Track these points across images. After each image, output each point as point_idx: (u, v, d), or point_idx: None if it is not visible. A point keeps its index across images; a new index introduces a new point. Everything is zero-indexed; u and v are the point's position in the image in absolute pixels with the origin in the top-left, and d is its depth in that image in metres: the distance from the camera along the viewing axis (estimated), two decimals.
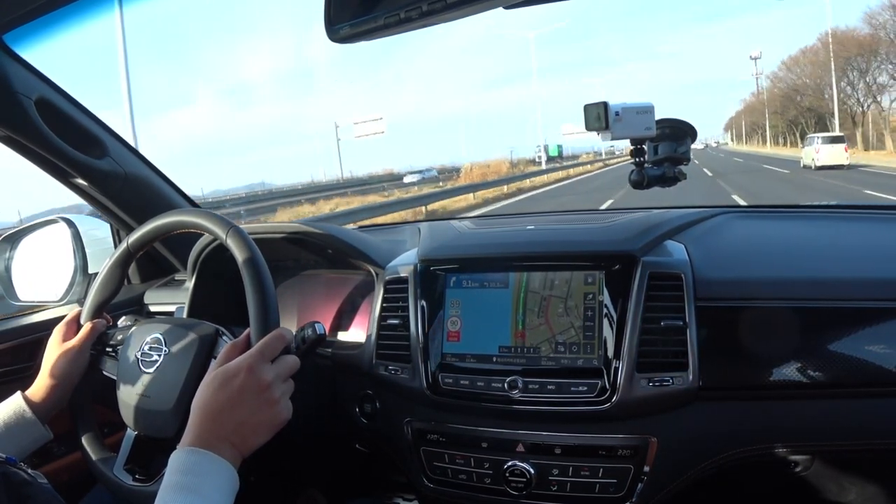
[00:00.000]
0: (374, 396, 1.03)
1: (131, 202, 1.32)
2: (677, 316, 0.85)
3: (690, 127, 1.03)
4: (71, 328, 0.94)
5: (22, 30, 0.99)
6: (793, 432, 0.86)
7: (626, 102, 0.94)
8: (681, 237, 0.99)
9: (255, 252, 0.83)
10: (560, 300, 0.91)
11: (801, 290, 0.88)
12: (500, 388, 0.89)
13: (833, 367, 0.83)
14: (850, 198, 10.79)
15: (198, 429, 0.68)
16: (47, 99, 1.12)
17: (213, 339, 0.86)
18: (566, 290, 0.91)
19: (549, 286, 0.92)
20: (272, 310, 0.80)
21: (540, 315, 0.92)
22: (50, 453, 1.16)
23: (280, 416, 0.72)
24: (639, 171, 1.02)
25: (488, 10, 0.58)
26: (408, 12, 0.56)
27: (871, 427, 0.85)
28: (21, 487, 0.67)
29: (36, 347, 1.20)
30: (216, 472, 0.65)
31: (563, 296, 0.91)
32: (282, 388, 0.73)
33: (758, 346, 0.85)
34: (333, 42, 0.63)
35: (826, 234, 1.11)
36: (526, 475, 0.89)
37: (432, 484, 0.97)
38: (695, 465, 0.87)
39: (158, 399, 0.84)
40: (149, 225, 0.93)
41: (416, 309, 0.97)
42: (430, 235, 1.10)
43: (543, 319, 0.91)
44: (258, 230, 1.14)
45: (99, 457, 0.90)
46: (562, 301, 0.91)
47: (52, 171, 1.21)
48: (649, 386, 0.84)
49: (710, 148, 66.68)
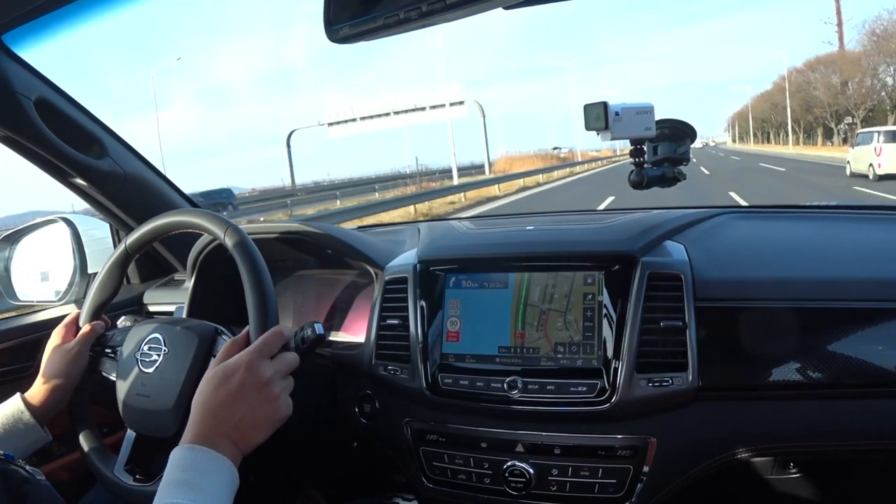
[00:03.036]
0: (373, 396, 1.03)
1: (130, 202, 1.32)
2: (677, 316, 0.85)
3: (690, 127, 1.03)
4: (70, 330, 0.94)
5: (22, 30, 0.99)
6: (792, 433, 0.86)
7: (626, 103, 0.94)
8: (680, 237, 0.99)
9: (254, 251, 0.83)
10: (560, 301, 0.91)
11: (800, 290, 0.88)
12: (499, 388, 0.89)
13: (833, 368, 0.83)
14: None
15: (198, 426, 0.68)
16: (47, 99, 1.12)
17: (212, 338, 0.86)
18: (566, 291, 0.91)
19: (549, 286, 0.92)
20: (271, 307, 0.80)
21: (539, 315, 0.92)
22: (49, 453, 1.16)
23: (280, 413, 0.72)
24: (638, 171, 1.02)
25: (488, 11, 0.58)
26: (407, 13, 0.56)
27: (871, 427, 0.84)
28: (20, 485, 0.68)
29: (35, 347, 1.20)
30: (216, 468, 0.65)
31: (563, 296, 0.91)
32: (281, 384, 0.73)
33: (757, 346, 0.85)
34: (333, 42, 0.63)
35: (826, 234, 1.11)
36: (525, 475, 0.89)
37: (432, 484, 0.97)
38: (694, 466, 0.87)
39: (158, 399, 0.84)
40: (147, 225, 0.93)
41: (415, 309, 0.97)
42: (430, 235, 1.10)
43: (543, 320, 0.91)
44: (257, 230, 1.14)
45: (99, 457, 0.90)
46: (561, 302, 0.91)
47: (51, 171, 1.21)
48: (649, 386, 0.84)
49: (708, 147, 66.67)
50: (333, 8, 0.62)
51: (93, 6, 0.98)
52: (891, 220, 1.12)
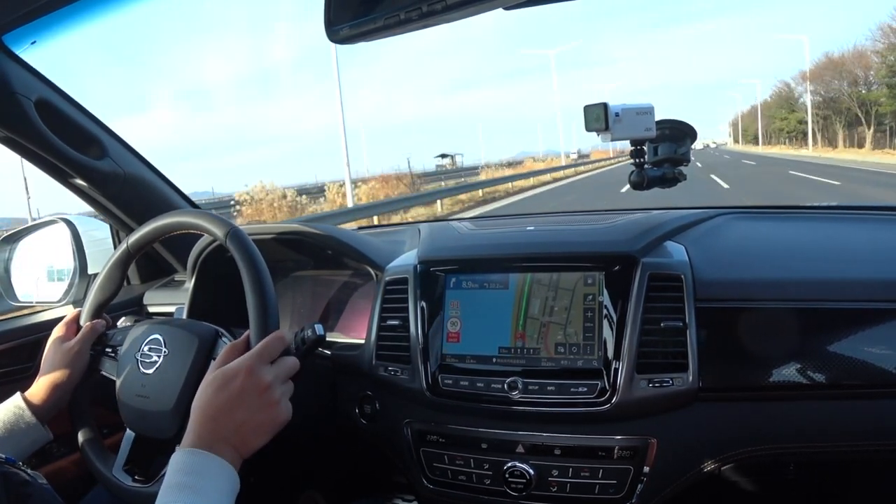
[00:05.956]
0: (373, 397, 1.03)
1: (131, 203, 1.32)
2: (677, 317, 0.85)
3: (690, 128, 1.03)
4: (70, 329, 0.94)
5: (22, 30, 1.00)
6: (792, 433, 0.86)
7: (626, 103, 0.94)
8: (681, 238, 0.99)
9: (255, 253, 0.83)
10: (560, 301, 0.91)
11: (801, 290, 0.87)
12: (499, 388, 0.89)
13: (833, 368, 0.83)
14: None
15: (198, 430, 0.68)
16: (47, 99, 1.12)
17: (212, 339, 0.86)
18: (566, 291, 0.91)
19: (549, 287, 0.92)
20: (272, 311, 0.79)
21: (540, 316, 0.92)
22: (49, 454, 1.16)
23: (280, 418, 0.72)
24: (639, 172, 1.02)
25: (488, 11, 0.58)
26: (408, 13, 0.56)
27: (871, 428, 0.84)
28: (20, 487, 0.67)
29: (35, 348, 1.20)
30: (217, 472, 0.65)
31: (563, 297, 0.91)
32: (281, 389, 0.73)
33: (758, 346, 0.85)
34: (333, 42, 0.63)
35: (826, 234, 1.11)
36: (526, 476, 0.89)
37: (432, 485, 0.97)
38: (694, 466, 0.86)
39: (158, 400, 0.83)
40: (148, 226, 0.93)
41: (415, 310, 0.97)
42: (430, 236, 1.10)
43: (543, 321, 0.91)
44: (257, 231, 1.14)
45: (98, 458, 0.90)
46: (562, 302, 0.91)
47: (51, 172, 1.21)
48: (649, 387, 0.84)
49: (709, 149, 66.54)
50: (334, 8, 0.62)
51: (93, 6, 0.98)
52: (891, 220, 1.12)
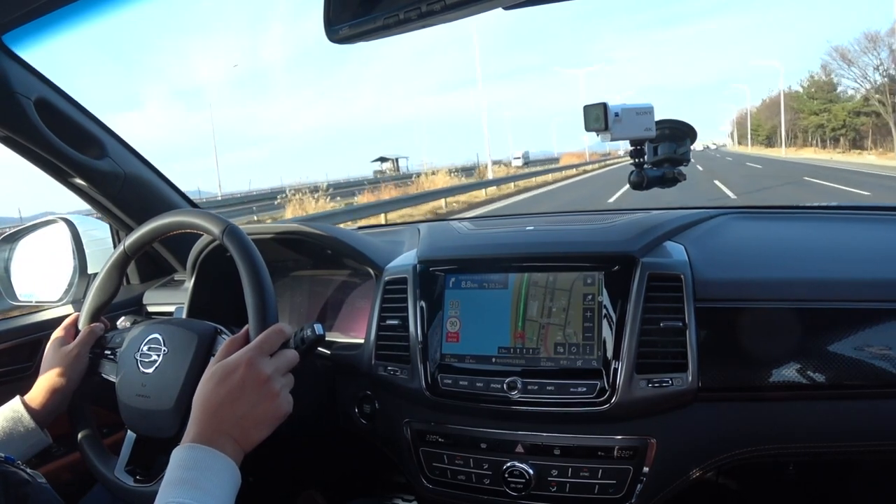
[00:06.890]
0: (373, 397, 1.03)
1: (130, 203, 1.32)
2: (677, 317, 0.85)
3: (690, 128, 1.03)
4: (69, 333, 0.94)
5: (22, 30, 1.00)
6: (792, 433, 0.86)
7: (626, 103, 0.94)
8: (680, 238, 0.99)
9: (253, 251, 0.83)
10: (559, 301, 0.91)
11: (800, 290, 0.87)
12: (499, 388, 0.89)
13: (833, 369, 0.83)
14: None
15: (199, 424, 0.68)
16: (47, 99, 1.12)
17: (211, 337, 0.86)
18: (565, 291, 0.91)
19: (549, 287, 0.92)
20: (270, 306, 0.80)
21: (539, 316, 0.92)
22: (49, 454, 1.16)
23: (281, 410, 0.72)
24: (638, 172, 1.02)
25: (488, 11, 0.58)
26: (407, 13, 0.56)
27: (871, 428, 0.84)
28: (20, 487, 0.67)
29: (35, 348, 1.20)
30: (218, 467, 0.65)
31: (563, 297, 0.91)
32: (281, 381, 0.73)
33: (757, 347, 0.85)
34: (333, 42, 0.63)
35: (826, 234, 1.11)
36: (525, 476, 0.89)
37: (431, 485, 0.97)
38: (694, 466, 0.87)
39: (158, 399, 0.83)
40: (146, 226, 0.93)
41: (415, 309, 0.97)
42: (430, 236, 1.10)
43: (542, 321, 0.91)
44: (256, 230, 1.14)
45: (99, 459, 0.90)
46: (561, 302, 0.91)
47: (51, 172, 1.21)
48: (648, 387, 0.84)
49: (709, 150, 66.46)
50: (333, 8, 0.62)
51: (93, 6, 0.98)
52: (891, 221, 1.12)
